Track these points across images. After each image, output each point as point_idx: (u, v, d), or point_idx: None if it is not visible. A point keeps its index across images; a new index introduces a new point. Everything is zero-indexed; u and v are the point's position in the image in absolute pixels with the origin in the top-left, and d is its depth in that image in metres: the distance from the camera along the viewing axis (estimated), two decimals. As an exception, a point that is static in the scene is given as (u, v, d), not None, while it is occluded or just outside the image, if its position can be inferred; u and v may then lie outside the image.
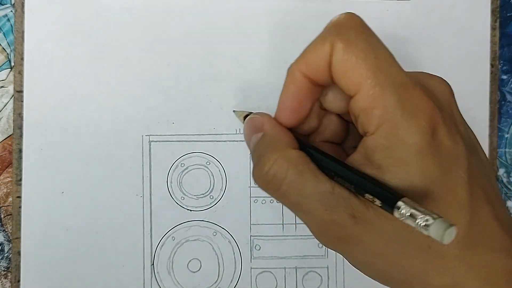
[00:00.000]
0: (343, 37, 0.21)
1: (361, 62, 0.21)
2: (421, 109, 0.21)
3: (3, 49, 0.32)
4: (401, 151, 0.21)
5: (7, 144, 0.32)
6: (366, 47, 0.21)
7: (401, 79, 0.21)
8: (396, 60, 0.22)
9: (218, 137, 0.32)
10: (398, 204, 0.19)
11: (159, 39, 0.32)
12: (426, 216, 0.18)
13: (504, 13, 0.34)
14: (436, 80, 0.24)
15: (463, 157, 0.21)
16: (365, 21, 0.23)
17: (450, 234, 0.18)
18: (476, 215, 0.21)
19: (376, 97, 0.21)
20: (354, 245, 0.22)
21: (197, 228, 0.32)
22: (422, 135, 0.20)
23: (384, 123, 0.21)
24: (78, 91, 0.32)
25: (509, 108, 0.34)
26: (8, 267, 0.32)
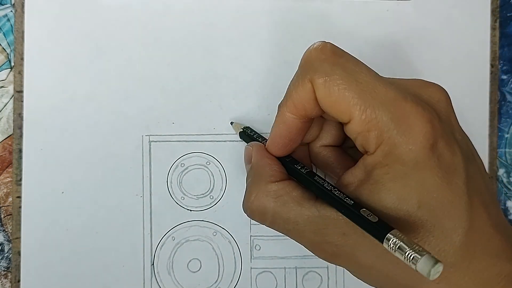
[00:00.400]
0: (321, 72, 0.22)
1: (344, 91, 0.21)
2: (416, 122, 0.21)
3: (3, 49, 0.32)
4: (399, 167, 0.21)
5: (7, 144, 0.32)
6: (345, 75, 0.21)
7: (389, 96, 0.21)
8: (379, 76, 0.22)
9: (218, 137, 0.32)
10: (388, 236, 0.19)
11: (159, 39, 0.32)
12: (414, 251, 0.18)
13: (504, 13, 0.34)
14: (432, 88, 0.24)
15: (461, 167, 0.21)
16: (336, 47, 0.23)
17: (437, 270, 0.18)
18: (473, 223, 0.21)
19: (369, 121, 0.21)
20: (348, 259, 0.23)
21: (197, 228, 0.32)
22: (420, 149, 0.21)
23: (382, 143, 0.21)
24: (78, 91, 0.32)
25: (509, 108, 0.34)
26: (8, 267, 0.32)
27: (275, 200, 0.24)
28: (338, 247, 0.22)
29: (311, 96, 0.22)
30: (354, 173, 0.23)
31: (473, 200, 0.21)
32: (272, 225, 0.25)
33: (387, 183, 0.21)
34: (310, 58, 0.23)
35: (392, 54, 0.33)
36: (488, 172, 0.33)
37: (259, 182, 0.25)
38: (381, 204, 0.21)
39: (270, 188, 0.24)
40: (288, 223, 0.24)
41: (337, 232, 0.22)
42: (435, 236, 0.21)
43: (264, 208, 0.24)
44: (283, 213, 0.23)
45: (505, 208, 0.34)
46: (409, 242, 0.19)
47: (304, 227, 0.23)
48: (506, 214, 0.34)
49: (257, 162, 0.26)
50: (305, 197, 0.23)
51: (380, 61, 0.33)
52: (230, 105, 0.32)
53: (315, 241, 0.23)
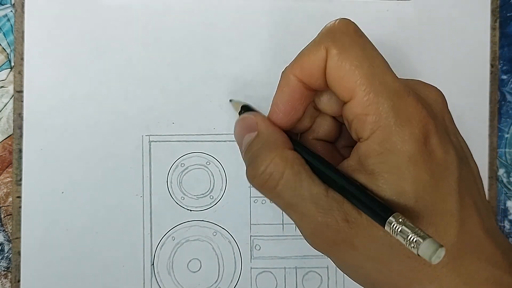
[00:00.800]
0: (338, 43, 0.22)
1: (355, 68, 0.21)
2: (414, 117, 0.21)
3: (3, 49, 0.32)
4: (394, 158, 0.21)
5: (7, 144, 0.32)
6: (360, 54, 0.21)
7: (395, 87, 0.21)
8: (391, 68, 0.22)
9: (218, 137, 0.32)
10: (389, 220, 0.19)
11: (159, 39, 0.32)
12: (417, 234, 0.18)
13: (504, 13, 0.34)
14: (430, 89, 0.24)
15: (454, 166, 0.21)
16: (360, 28, 0.23)
17: (439, 255, 0.18)
18: (465, 224, 0.21)
19: (370, 104, 0.21)
20: (346, 248, 0.22)
21: (197, 228, 0.32)
22: (414, 142, 0.21)
23: (377, 130, 0.21)
24: (78, 91, 0.32)
25: (509, 108, 0.34)
26: (8, 267, 0.32)
27: (291, 167, 0.23)
28: (339, 234, 0.22)
29: (321, 64, 0.22)
30: (348, 163, 0.23)
31: (465, 200, 0.21)
32: (278, 196, 0.23)
33: (383, 173, 0.21)
34: (333, 28, 0.22)
35: (392, 54, 0.33)
36: (488, 172, 0.33)
37: (272, 148, 0.23)
38: (378, 195, 0.21)
39: (288, 154, 0.23)
40: (295, 197, 0.23)
41: (340, 216, 0.22)
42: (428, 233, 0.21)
43: (278, 174, 0.23)
44: (295, 184, 0.22)
45: (505, 208, 0.34)
46: (411, 226, 0.19)
47: (310, 204, 0.22)
48: (506, 214, 0.34)
49: (266, 129, 0.25)
50: (314, 173, 0.23)
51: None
52: (230, 105, 0.32)
53: (316, 222, 0.22)
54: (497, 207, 0.34)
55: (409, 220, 0.19)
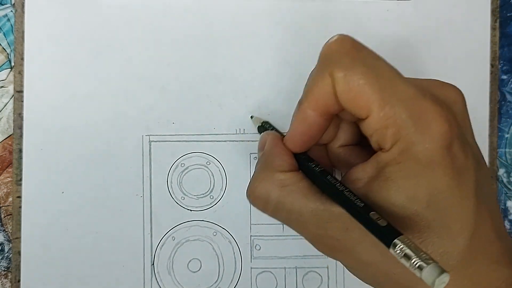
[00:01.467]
0: (341, 65, 0.21)
1: (364, 86, 0.21)
2: (434, 121, 0.20)
3: (3, 49, 0.32)
4: (413, 165, 0.21)
5: (7, 144, 0.32)
6: (365, 70, 0.21)
7: (409, 93, 0.21)
8: (399, 73, 0.22)
9: (218, 137, 0.32)
10: (395, 242, 0.19)
11: (159, 39, 0.32)
12: (421, 259, 0.18)
13: (504, 13, 0.34)
14: (449, 88, 0.23)
15: (472, 170, 0.21)
16: (356, 41, 0.22)
17: (442, 280, 0.18)
18: (479, 227, 0.21)
19: (388, 118, 0.21)
20: (348, 254, 0.23)
21: (197, 228, 0.32)
22: (435, 148, 0.20)
23: (398, 141, 0.21)
24: (78, 91, 0.32)
25: (509, 108, 0.34)
26: (8, 267, 0.32)
27: (280, 189, 0.23)
28: (340, 242, 0.22)
29: (331, 91, 0.22)
30: (365, 169, 0.22)
31: (480, 204, 0.21)
32: (274, 215, 0.24)
33: (399, 180, 0.21)
34: (330, 51, 0.22)
35: (392, 54, 0.33)
36: (488, 172, 0.33)
37: (266, 170, 0.24)
38: (390, 201, 0.21)
39: (277, 176, 0.24)
40: (292, 214, 0.23)
41: (340, 226, 0.22)
42: (440, 237, 0.21)
43: (267, 196, 0.24)
44: (288, 203, 0.23)
45: (505, 208, 0.34)
46: (416, 249, 0.18)
47: (307, 219, 0.23)
48: (506, 214, 0.34)
49: (269, 150, 0.25)
50: (311, 190, 0.23)
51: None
52: (230, 105, 0.32)
53: (316, 234, 0.23)
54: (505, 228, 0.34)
55: (414, 243, 0.19)
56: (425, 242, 0.21)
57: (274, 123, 0.31)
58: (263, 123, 0.30)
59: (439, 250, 0.21)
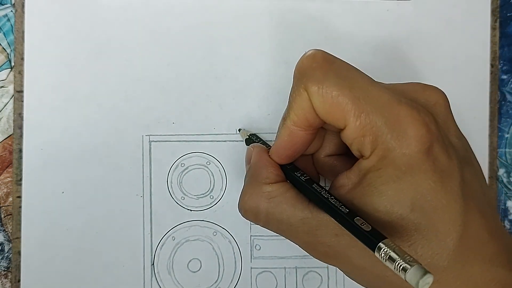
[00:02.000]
0: (313, 80, 0.22)
1: (338, 98, 0.21)
2: (410, 126, 0.21)
3: (3, 49, 0.32)
4: (392, 171, 0.21)
5: (7, 144, 0.32)
6: (338, 81, 0.21)
7: (383, 100, 0.21)
8: (373, 81, 0.22)
9: (218, 137, 0.32)
10: (379, 246, 0.19)
11: (159, 39, 0.32)
12: (404, 261, 0.18)
13: (504, 13, 0.34)
14: (430, 91, 0.24)
15: (456, 171, 0.21)
16: (328, 53, 0.23)
17: (426, 281, 0.18)
18: (468, 228, 0.21)
19: (363, 126, 0.21)
20: (341, 259, 0.23)
21: (197, 228, 0.32)
22: (413, 154, 0.21)
23: (376, 148, 0.21)
24: (78, 91, 0.32)
25: (509, 108, 0.34)
26: (8, 267, 0.32)
27: (268, 201, 0.24)
28: (331, 248, 0.23)
29: (309, 105, 0.22)
30: (348, 176, 0.23)
31: (469, 204, 0.21)
32: (266, 226, 0.25)
33: (379, 186, 0.21)
34: (302, 67, 0.23)
35: (392, 54, 0.33)
36: (488, 172, 0.33)
37: (254, 183, 0.25)
38: (373, 207, 0.21)
39: (264, 189, 0.24)
40: (282, 224, 0.24)
41: (329, 233, 0.22)
42: (429, 239, 0.21)
43: (257, 208, 0.24)
44: (277, 214, 0.24)
45: (505, 208, 0.34)
46: (400, 251, 0.19)
47: (297, 228, 0.23)
48: (506, 214, 0.34)
49: (255, 163, 0.26)
50: (298, 199, 0.24)
51: (380, 61, 0.33)
52: (230, 105, 0.32)
53: (308, 241, 0.24)
54: (497, 207, 0.34)
55: (398, 246, 0.19)
56: (414, 245, 0.21)
57: (274, 123, 0.31)
58: (250, 135, 0.30)
59: (428, 252, 0.21)
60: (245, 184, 0.26)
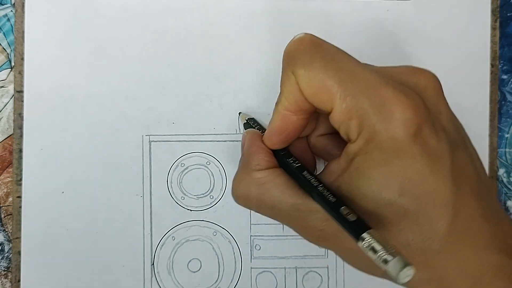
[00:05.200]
0: (300, 63, 0.22)
1: (324, 80, 0.21)
2: (397, 109, 0.20)
3: (3, 49, 0.32)
4: (379, 154, 0.21)
5: (7, 144, 0.32)
6: (324, 64, 0.21)
7: (370, 82, 0.21)
8: (360, 63, 0.22)
9: (218, 137, 0.32)
10: (362, 236, 0.19)
11: (159, 39, 0.32)
12: (386, 252, 0.18)
13: (504, 13, 0.34)
14: (419, 74, 0.23)
15: (447, 154, 0.21)
16: (316, 37, 0.23)
17: (406, 274, 0.18)
18: (460, 212, 0.21)
19: (350, 109, 0.21)
20: (333, 242, 0.23)
21: (197, 228, 0.32)
22: (400, 137, 0.20)
23: (362, 131, 0.21)
24: (78, 91, 0.32)
25: (509, 108, 0.34)
26: (8, 267, 0.32)
27: (258, 187, 0.24)
28: (323, 231, 0.23)
29: (297, 88, 0.22)
30: (339, 162, 0.23)
31: (461, 188, 0.21)
32: (258, 211, 0.25)
33: (366, 170, 0.21)
34: (290, 51, 0.23)
35: (392, 54, 0.33)
36: (488, 172, 0.33)
37: (245, 169, 0.25)
38: (360, 192, 0.21)
39: (254, 175, 0.24)
40: (273, 209, 0.24)
41: (320, 218, 0.22)
42: (419, 223, 0.21)
43: (248, 195, 0.24)
44: (267, 200, 0.24)
45: (505, 208, 0.34)
46: (383, 242, 0.19)
47: (288, 213, 0.23)
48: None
49: (247, 150, 0.26)
50: (288, 185, 0.24)
51: (380, 61, 0.33)
52: (230, 105, 0.32)
53: (300, 226, 0.24)
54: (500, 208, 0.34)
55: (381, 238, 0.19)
56: (404, 231, 0.21)
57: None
58: (248, 119, 0.30)
59: (419, 237, 0.21)
60: (237, 171, 0.26)
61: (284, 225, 0.32)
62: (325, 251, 0.33)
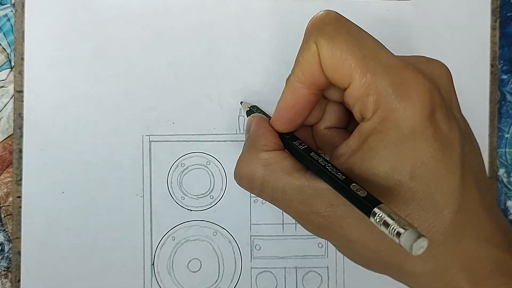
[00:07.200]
0: (325, 34, 0.22)
1: (346, 54, 0.21)
2: (415, 90, 0.20)
3: (3, 49, 0.32)
4: (394, 134, 0.21)
5: (7, 144, 0.32)
6: (348, 38, 0.21)
7: (391, 62, 0.21)
8: (384, 46, 0.22)
9: (218, 137, 0.32)
10: (374, 211, 0.19)
11: (159, 39, 0.32)
12: (399, 225, 0.18)
13: (504, 13, 0.34)
14: (434, 63, 0.23)
15: (457, 142, 0.21)
16: (342, 15, 0.23)
17: (420, 245, 0.17)
18: (465, 202, 0.21)
19: (369, 85, 0.21)
20: (334, 231, 0.23)
21: (197, 228, 0.32)
22: (417, 117, 0.20)
23: (379, 108, 0.21)
24: (78, 91, 0.32)
25: (509, 108, 0.34)
26: (8, 267, 0.32)
27: (264, 168, 0.24)
28: (325, 218, 0.22)
29: (316, 59, 0.22)
30: (348, 143, 0.23)
31: (467, 177, 0.21)
32: (261, 193, 0.24)
33: (381, 150, 0.21)
34: (315, 21, 0.22)
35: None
36: (488, 172, 0.33)
37: (251, 150, 0.25)
38: (373, 171, 0.21)
39: (261, 156, 0.24)
40: (277, 192, 0.23)
41: (325, 202, 0.22)
42: (425, 209, 0.20)
43: (253, 175, 0.24)
44: (272, 182, 0.23)
45: (505, 208, 0.34)
46: (395, 216, 0.18)
47: (292, 197, 0.23)
48: (506, 214, 0.34)
49: (254, 131, 0.26)
50: (295, 167, 0.23)
51: (380, 61, 0.33)
52: (230, 105, 0.32)
53: (302, 211, 0.23)
54: (497, 207, 0.34)
55: (393, 211, 0.19)
56: (411, 216, 0.21)
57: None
58: (251, 107, 0.30)
59: (425, 224, 0.21)
60: (242, 152, 0.25)
61: (284, 225, 0.32)
62: (325, 251, 0.33)
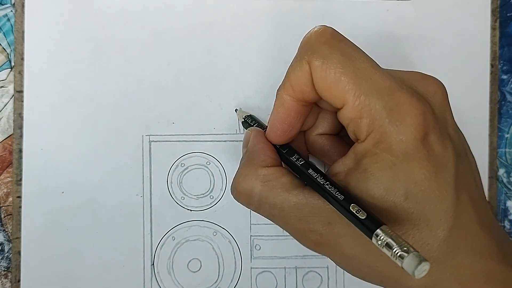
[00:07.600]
0: (318, 54, 0.22)
1: (340, 75, 0.21)
2: (409, 113, 0.21)
3: (3, 49, 0.32)
4: (388, 157, 0.21)
5: (7, 144, 0.32)
6: (342, 59, 0.21)
7: (385, 84, 0.21)
8: (377, 65, 0.22)
9: (218, 137, 0.32)
10: (376, 232, 0.19)
11: (159, 39, 0.32)
12: (401, 248, 0.18)
13: (504, 13, 0.34)
14: (429, 81, 0.23)
15: (451, 162, 0.21)
16: (337, 31, 0.23)
17: (422, 269, 0.18)
18: (459, 219, 0.21)
19: (362, 107, 0.21)
20: (331, 248, 0.23)
21: (197, 228, 0.32)
22: (410, 140, 0.20)
23: (373, 131, 0.21)
24: (78, 91, 0.32)
25: (509, 108, 0.34)
26: (8, 267, 0.32)
27: (263, 184, 0.24)
28: (322, 236, 0.22)
29: (308, 78, 0.22)
30: (344, 162, 0.23)
31: (461, 196, 0.21)
32: (258, 209, 0.24)
33: (376, 172, 0.21)
34: (309, 40, 0.22)
35: (392, 54, 0.33)
36: (488, 172, 0.33)
37: (249, 165, 0.25)
38: (368, 193, 0.21)
39: (259, 172, 0.24)
40: (274, 208, 0.23)
41: (322, 220, 0.22)
42: (420, 229, 0.21)
43: (251, 191, 0.24)
44: (270, 198, 0.23)
45: (505, 208, 0.34)
46: (397, 238, 0.19)
47: (290, 214, 0.23)
48: (506, 214, 0.34)
49: (252, 146, 0.26)
50: (293, 184, 0.23)
51: (380, 61, 0.33)
52: (230, 105, 0.32)
53: (299, 229, 0.23)
54: (497, 207, 0.34)
55: (395, 233, 0.19)
56: (406, 235, 0.21)
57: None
58: (246, 117, 0.30)
59: (419, 242, 0.21)
60: (240, 167, 0.25)
61: (284, 225, 0.32)
62: (325, 251, 0.33)
